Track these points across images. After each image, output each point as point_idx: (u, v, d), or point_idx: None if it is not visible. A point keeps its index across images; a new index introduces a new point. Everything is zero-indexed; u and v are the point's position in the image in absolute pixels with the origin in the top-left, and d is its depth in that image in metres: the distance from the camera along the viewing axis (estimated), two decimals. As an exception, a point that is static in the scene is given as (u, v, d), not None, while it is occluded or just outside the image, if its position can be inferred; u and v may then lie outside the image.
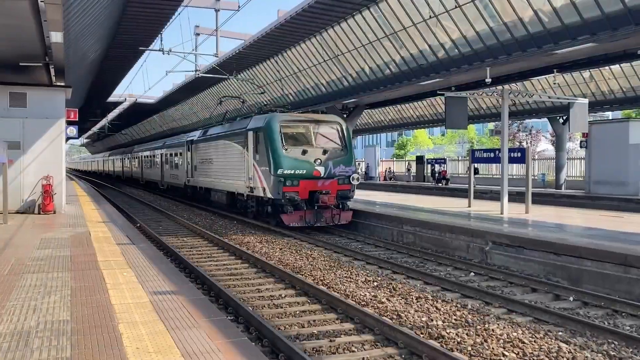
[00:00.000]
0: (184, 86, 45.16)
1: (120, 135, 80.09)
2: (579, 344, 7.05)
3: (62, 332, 5.69)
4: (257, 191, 17.73)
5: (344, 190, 17.13)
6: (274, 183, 16.55)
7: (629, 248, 10.34)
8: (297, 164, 16.70)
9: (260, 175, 17.47)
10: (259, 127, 17.65)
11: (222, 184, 21.83)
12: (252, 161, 18.04)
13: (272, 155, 16.71)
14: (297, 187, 16.53)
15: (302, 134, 17.47)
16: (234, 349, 5.29)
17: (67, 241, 11.81)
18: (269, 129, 17.08)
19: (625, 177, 25.60)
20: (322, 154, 16.99)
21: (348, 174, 17.21)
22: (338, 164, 17.16)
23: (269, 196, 16.85)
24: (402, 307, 8.66)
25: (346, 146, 17.64)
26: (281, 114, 18.28)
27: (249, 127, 18.64)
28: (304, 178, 16.63)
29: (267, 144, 16.97)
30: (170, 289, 7.61)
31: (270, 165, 16.71)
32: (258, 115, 19.19)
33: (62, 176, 18.00)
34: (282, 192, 16.32)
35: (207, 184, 24.15)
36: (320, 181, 16.81)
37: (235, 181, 20.01)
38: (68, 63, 19.73)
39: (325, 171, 16.90)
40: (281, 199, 16.38)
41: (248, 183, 18.52)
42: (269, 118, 17.50)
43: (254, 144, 17.96)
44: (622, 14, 15.48)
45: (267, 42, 30.02)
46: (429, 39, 22.94)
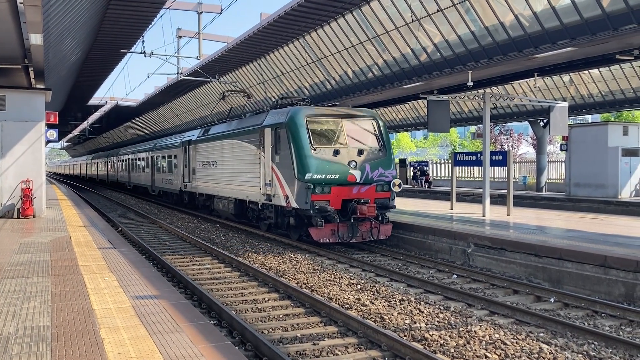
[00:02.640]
0: (166, 89, 44.89)
1: (102, 139, 79.33)
2: (560, 345, 7.13)
3: (42, 338, 5.61)
4: (277, 199, 15.04)
5: (383, 198, 14.55)
6: (300, 190, 13.88)
7: (608, 249, 10.48)
8: (328, 166, 13.98)
9: (281, 181, 14.77)
10: (280, 122, 14.91)
11: (229, 191, 19.14)
12: (271, 164, 15.36)
13: (297, 157, 14.04)
14: (328, 195, 13.91)
15: (333, 130, 14.79)
16: (217, 353, 5.26)
17: (47, 246, 11.65)
18: (293, 125, 14.36)
19: (604, 179, 25.97)
20: (357, 154, 14.41)
21: (388, 179, 14.67)
22: (376, 166, 14.52)
23: (294, 205, 14.09)
24: (386, 310, 8.68)
25: (384, 145, 15.01)
26: (306, 106, 15.77)
27: (266, 123, 15.93)
28: (336, 184, 13.99)
29: (290, 143, 14.26)
30: (152, 293, 7.55)
31: (295, 168, 14.01)
32: (276, 110, 16.35)
33: (42, 180, 17.77)
34: (311, 200, 13.73)
35: (209, 190, 21.44)
36: (356, 188, 14.19)
37: (246, 187, 17.41)
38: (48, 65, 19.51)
39: (362, 176, 14.26)
40: (309, 209, 13.72)
41: (264, 189, 15.83)
42: (292, 112, 14.77)
43: (273, 143, 15.25)
44: (601, 19, 15.71)
45: (249, 44, 29.96)
46: (411, 43, 23.08)
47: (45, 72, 18.33)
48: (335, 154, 14.21)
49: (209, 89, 42.51)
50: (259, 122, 16.52)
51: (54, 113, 19.24)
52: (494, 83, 23.77)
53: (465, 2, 19.32)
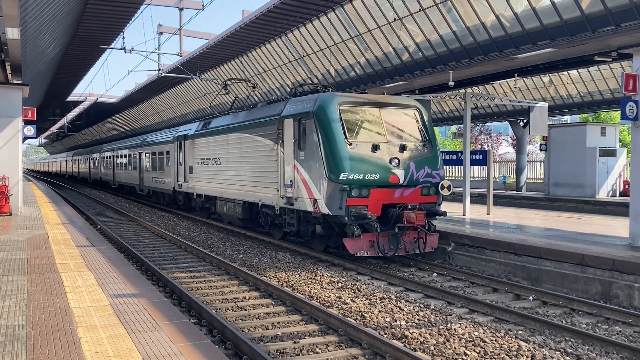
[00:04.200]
0: (146, 86, 44.47)
1: (81, 136, 78.36)
2: (538, 342, 7.20)
3: (17, 337, 5.51)
4: (301, 203, 12.87)
5: (429, 203, 12.50)
6: (333, 192, 11.69)
7: (585, 248, 10.63)
8: (366, 165, 11.80)
9: (307, 181, 12.58)
10: (306, 112, 12.69)
11: (236, 192, 16.77)
12: (293, 161, 13.12)
13: (330, 153, 11.83)
14: (366, 199, 11.75)
15: (370, 121, 12.55)
16: (197, 352, 5.21)
17: (24, 243, 11.46)
18: (324, 115, 12.12)
19: (582, 179, 26.32)
20: (399, 151, 12.22)
21: (435, 181, 12.57)
22: (422, 165, 12.38)
23: (324, 211, 11.90)
24: (366, 308, 8.69)
25: (429, 140, 12.87)
26: (339, 93, 13.37)
27: (286, 113, 13.67)
28: (376, 186, 11.83)
29: (320, 136, 12.06)
30: (131, 292, 7.46)
31: (327, 166, 11.82)
32: (298, 97, 14.02)
33: (18, 177, 17.49)
34: (346, 205, 11.58)
35: (210, 191, 19.09)
36: (398, 190, 12.08)
37: (258, 188, 15.14)
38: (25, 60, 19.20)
39: (405, 176, 12.11)
40: (344, 216, 11.56)
41: (283, 191, 13.59)
42: (322, 99, 12.50)
43: (296, 136, 13.02)
44: (580, 21, 15.91)
45: (231, 42, 29.79)
46: (393, 42, 23.15)
47: (22, 67, 18.03)
48: (374, 150, 12.00)
49: (190, 86, 42.22)
50: (277, 113, 14.20)
51: (31, 109, 18.94)
52: (475, 83, 23.97)
53: (447, 2, 19.43)
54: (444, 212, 12.64)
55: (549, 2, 16.54)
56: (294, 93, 14.92)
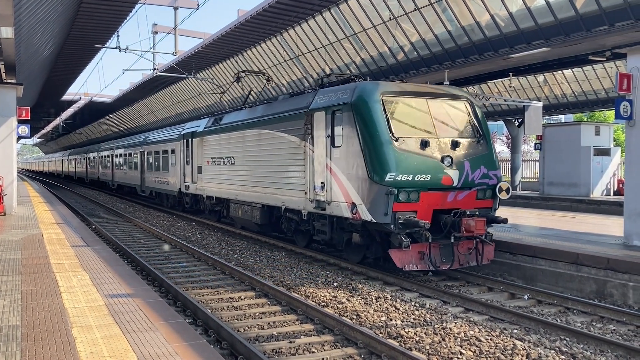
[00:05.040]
0: (141, 85, 44.35)
1: (76, 135, 78.08)
2: (533, 341, 7.23)
3: (12, 337, 5.49)
4: (335, 208, 11.38)
5: (485, 208, 10.93)
6: (377, 196, 10.19)
7: (580, 247, 10.67)
8: (415, 164, 10.29)
9: (343, 183, 11.11)
10: (342, 103, 11.23)
11: (253, 195, 15.21)
12: (325, 160, 11.68)
13: (373, 150, 10.35)
14: (415, 204, 10.24)
15: (417, 114, 11.06)
16: (192, 352, 5.21)
17: (18, 243, 11.42)
18: (364, 106, 10.64)
19: (577, 178, 26.41)
20: (450, 147, 10.72)
21: (492, 182, 10.96)
22: (477, 164, 10.84)
23: (366, 217, 10.40)
24: (362, 307, 8.70)
25: (484, 136, 11.33)
26: (380, 82, 11.85)
27: (316, 105, 12.20)
28: (426, 188, 10.29)
29: (361, 131, 10.58)
30: (126, 292, 7.45)
31: (370, 165, 10.34)
32: (330, 88, 12.52)
33: (12, 176, 17.43)
34: (392, 211, 10.05)
35: (222, 193, 17.57)
36: (452, 193, 10.53)
37: (281, 190, 13.62)
38: (19, 59, 19.12)
39: (460, 177, 10.57)
40: (390, 224, 10.06)
41: (312, 194, 12.18)
42: (362, 88, 11.01)
43: (330, 131, 11.57)
44: (574, 20, 15.96)
45: (227, 41, 29.75)
46: (388, 41, 23.17)
47: (16, 67, 17.95)
48: (423, 147, 10.47)
49: (185, 85, 42.13)
50: (304, 106, 12.76)
51: (25, 108, 18.87)
52: (470, 82, 23.99)
53: (442, 2, 19.45)
54: (505, 219, 10.91)
55: (544, 2, 16.59)
56: (322, 83, 13.43)
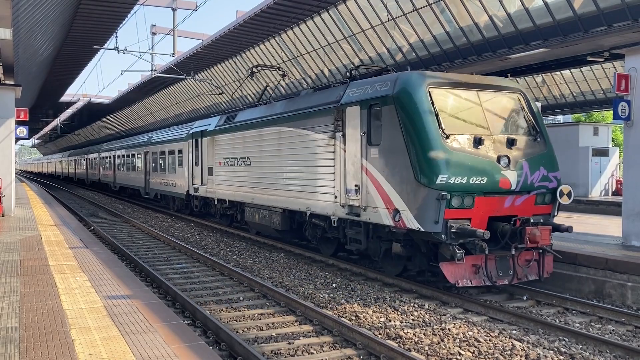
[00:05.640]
0: (140, 86, 44.33)
1: (74, 136, 78.03)
2: (532, 342, 7.23)
3: (10, 339, 5.48)
4: (373, 214, 10.21)
5: (544, 214, 9.82)
6: (425, 201, 9.04)
7: (579, 248, 10.68)
8: (470, 165, 9.16)
9: (382, 186, 9.92)
10: (381, 96, 10.06)
11: (273, 198, 14.07)
12: (361, 160, 10.52)
13: (420, 149, 9.17)
14: (470, 210, 9.10)
15: (468, 108, 9.85)
16: (191, 353, 5.20)
17: (17, 245, 11.41)
18: (409, 100, 9.47)
19: (575, 178, 26.45)
20: (506, 146, 9.59)
21: (552, 185, 9.87)
22: (536, 165, 9.73)
23: (412, 226, 9.21)
24: (361, 308, 8.70)
25: (541, 133, 10.25)
26: (427, 72, 10.44)
27: (348, 99, 11.09)
28: (482, 192, 9.16)
29: (405, 128, 9.44)
30: (125, 293, 7.44)
31: (418, 166, 9.17)
32: (364, 80, 11.38)
33: (11, 178, 17.41)
34: (444, 219, 8.91)
35: (236, 196, 16.40)
36: (509, 198, 9.39)
37: (307, 194, 12.53)
38: (18, 61, 19.11)
39: (518, 179, 9.44)
40: (440, 233, 8.93)
41: (344, 198, 11.02)
42: (405, 80, 9.81)
43: (366, 128, 10.43)
44: (572, 21, 15.98)
45: (225, 42, 29.76)
46: (387, 42, 23.18)
47: (15, 68, 17.96)
48: (477, 145, 9.34)
49: (183, 86, 42.12)
50: (333, 100, 11.66)
51: (24, 110, 18.86)
52: (468, 83, 23.99)
53: (441, 3, 19.47)
54: (569, 227, 9.78)
55: (542, 3, 16.61)
56: (351, 76, 12.33)
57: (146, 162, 27.66)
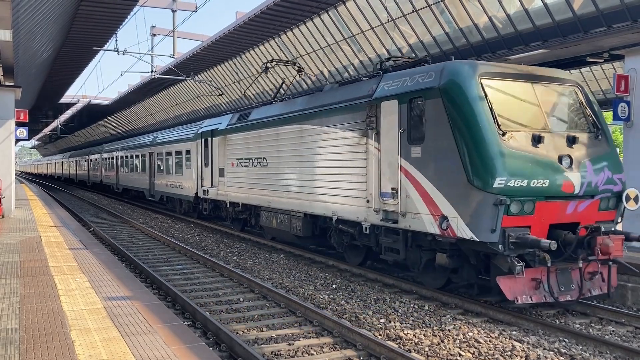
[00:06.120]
0: (139, 87, 44.35)
1: (74, 137, 78.04)
2: (532, 343, 7.23)
3: (10, 340, 5.48)
4: (414, 221, 9.22)
5: (607, 221, 8.94)
6: (480, 207, 8.11)
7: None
8: (530, 166, 8.23)
9: (426, 189, 8.94)
10: (425, 89, 9.09)
11: (294, 202, 13.15)
12: (399, 160, 9.51)
13: (474, 147, 8.22)
14: (529, 217, 8.19)
15: (523, 102, 8.91)
16: (191, 354, 5.20)
17: (16, 246, 11.40)
18: (459, 92, 8.53)
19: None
20: (567, 144, 8.68)
21: (617, 189, 8.97)
22: (600, 166, 8.83)
23: (464, 234, 8.27)
24: (361, 309, 8.70)
25: (602, 130, 9.31)
26: (477, 61, 9.41)
27: (383, 93, 10.09)
28: (543, 197, 8.23)
29: (455, 124, 8.49)
30: (125, 294, 7.44)
31: (469, 168, 8.22)
32: (399, 72, 10.30)
33: (11, 179, 17.41)
34: (501, 227, 7.99)
35: (251, 199, 15.48)
36: (572, 203, 8.49)
37: (333, 197, 11.56)
38: (17, 62, 19.13)
39: (582, 182, 8.52)
40: (497, 243, 8.00)
41: (379, 203, 10.02)
42: (454, 70, 8.84)
43: (406, 125, 9.42)
44: (572, 22, 16.00)
45: (225, 43, 29.78)
46: (386, 43, 23.20)
47: (14, 69, 17.97)
48: (535, 143, 8.42)
49: (183, 87, 42.14)
50: (365, 94, 10.66)
51: (24, 111, 18.88)
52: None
53: (440, 4, 19.49)
54: (633, 237, 8.81)
55: (541, 4, 16.63)
56: (384, 68, 11.18)
57: (151, 163, 26.86)
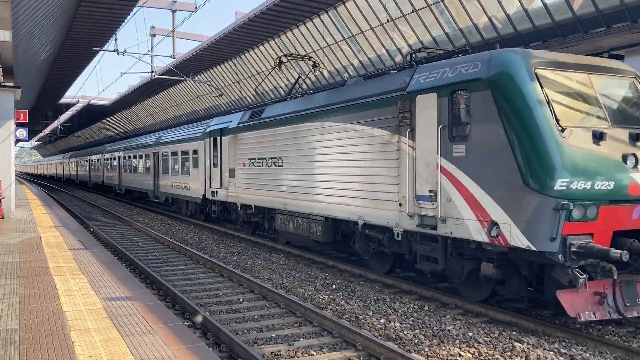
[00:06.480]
0: (139, 88, 44.39)
1: (74, 138, 78.05)
2: (532, 343, 7.23)
3: (10, 341, 5.48)
4: (457, 227, 8.38)
5: None
6: (538, 212, 7.33)
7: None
8: (593, 166, 7.44)
9: (473, 192, 8.11)
10: (470, 80, 8.23)
11: (313, 204, 12.27)
12: (438, 159, 8.66)
13: (530, 145, 7.39)
14: (592, 224, 7.41)
15: (581, 95, 8.09)
16: (191, 355, 5.20)
17: (16, 247, 11.40)
18: (511, 83, 7.69)
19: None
20: (630, 142, 7.87)
21: None
22: None
23: (518, 243, 7.43)
24: (361, 310, 8.70)
25: None
26: (529, 49, 8.65)
27: (418, 85, 9.24)
28: (607, 201, 7.46)
29: (508, 118, 7.63)
30: (125, 295, 7.44)
31: (526, 167, 7.39)
32: (436, 62, 9.42)
33: (11, 179, 17.41)
34: (561, 234, 7.22)
35: (264, 201, 14.61)
36: (638, 208, 7.70)
37: (359, 200, 10.67)
38: (17, 63, 19.13)
39: None
40: (557, 252, 7.22)
41: (414, 207, 9.16)
42: (504, 59, 7.95)
43: (447, 120, 8.57)
44: (571, 22, 16.02)
45: (225, 43, 29.82)
46: (386, 44, 23.22)
47: (14, 70, 17.98)
48: (597, 141, 7.61)
49: (183, 88, 42.15)
50: (396, 87, 9.81)
51: (23, 111, 18.87)
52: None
53: (440, 4, 19.51)
54: None
55: (541, 4, 16.65)
56: (416, 59, 10.18)
57: (155, 164, 26.19)
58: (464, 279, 8.86)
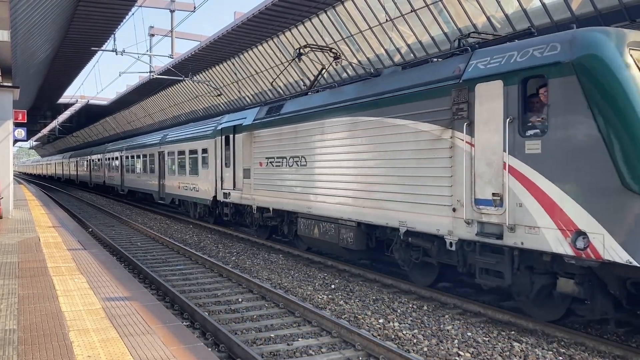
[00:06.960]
0: (138, 88, 44.37)
1: (72, 138, 77.99)
2: (531, 342, 7.23)
3: (9, 341, 5.47)
4: (529, 237, 7.26)
5: None
6: None
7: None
8: None
9: (551, 196, 6.99)
10: (548, 64, 7.09)
11: (345, 208, 11.09)
12: (504, 158, 7.55)
13: (631, 141, 6.32)
14: None
15: None
16: (190, 355, 5.20)
17: (15, 247, 11.39)
18: (603, 67, 6.60)
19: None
20: None
21: None
22: None
23: (616, 257, 6.35)
24: (359, 310, 8.70)
25: None
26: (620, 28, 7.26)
27: (478, 72, 8.09)
28: None
29: (600, 109, 6.53)
30: (123, 295, 7.43)
31: (625, 166, 6.31)
32: (499, 46, 8.27)
33: (9, 180, 17.39)
34: None
35: (287, 204, 13.44)
36: None
37: (401, 204, 9.52)
38: (15, 62, 19.11)
39: None
40: None
41: (473, 213, 8.07)
42: (592, 39, 6.82)
43: (516, 112, 7.43)
44: (570, 22, 16.03)
45: (223, 43, 29.81)
46: (385, 44, 23.22)
47: (12, 70, 17.96)
48: None
49: (182, 88, 42.13)
50: (449, 75, 8.63)
51: (22, 111, 18.85)
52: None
53: (438, 3, 19.51)
54: None
55: (540, 4, 16.66)
56: (464, 45, 9.21)
57: (160, 164, 24.97)
58: (533, 296, 7.69)
